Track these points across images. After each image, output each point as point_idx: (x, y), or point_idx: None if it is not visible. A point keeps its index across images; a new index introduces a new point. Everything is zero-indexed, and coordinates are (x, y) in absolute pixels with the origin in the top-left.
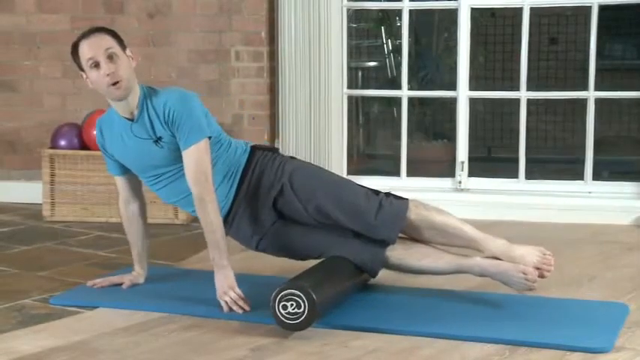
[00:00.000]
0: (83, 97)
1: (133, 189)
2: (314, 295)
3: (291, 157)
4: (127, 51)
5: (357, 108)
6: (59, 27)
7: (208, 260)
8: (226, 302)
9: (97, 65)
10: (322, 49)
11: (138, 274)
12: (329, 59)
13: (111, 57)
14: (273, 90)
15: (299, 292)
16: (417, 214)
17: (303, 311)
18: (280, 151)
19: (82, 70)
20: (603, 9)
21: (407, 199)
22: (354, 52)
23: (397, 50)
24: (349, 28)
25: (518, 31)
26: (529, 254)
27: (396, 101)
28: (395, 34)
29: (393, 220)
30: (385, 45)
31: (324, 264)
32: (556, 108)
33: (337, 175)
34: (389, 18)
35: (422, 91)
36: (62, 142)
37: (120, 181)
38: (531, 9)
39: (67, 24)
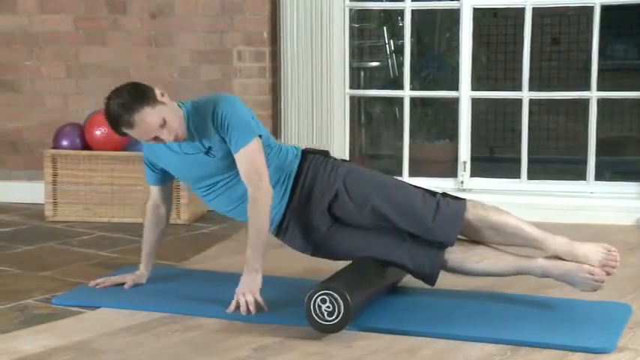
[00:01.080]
0: (85, 97)
1: (165, 197)
2: (349, 298)
3: (343, 160)
4: (158, 95)
5: (359, 108)
6: (61, 27)
7: (211, 260)
8: (240, 302)
9: (157, 139)
10: (324, 49)
11: (141, 274)
12: (331, 59)
13: (162, 126)
14: (275, 90)
15: (335, 294)
16: (475, 215)
17: (338, 313)
18: (331, 153)
19: None
20: (605, 9)
21: (464, 199)
22: (356, 52)
23: (399, 50)
24: (351, 28)
25: (521, 31)
26: (593, 252)
27: (398, 101)
28: (397, 34)
29: (451, 222)
30: (387, 45)
31: (359, 265)
32: (558, 108)
33: (392, 177)
34: (391, 18)
35: (424, 92)
36: (64, 142)
37: (154, 189)
38: (533, 9)
39: (69, 24)
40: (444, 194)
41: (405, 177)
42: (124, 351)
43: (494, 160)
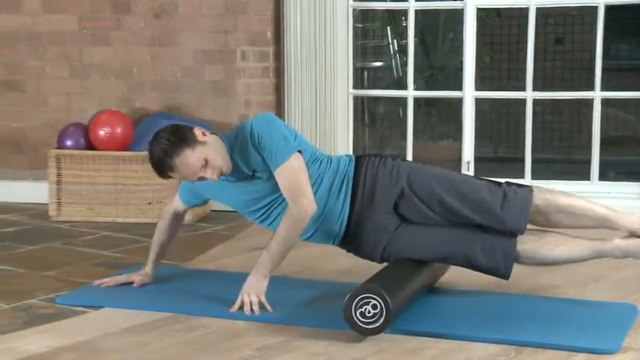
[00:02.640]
0: (89, 97)
1: (186, 211)
2: (390, 301)
3: (400, 159)
4: (198, 135)
5: (362, 108)
6: (65, 27)
7: (215, 260)
8: (244, 302)
9: (202, 178)
10: (328, 49)
11: (146, 274)
12: (335, 59)
13: (205, 166)
14: (278, 90)
15: (377, 297)
16: (543, 199)
17: (380, 316)
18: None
19: None
20: (609, 9)
21: (529, 186)
22: (360, 52)
23: (403, 50)
24: (355, 28)
25: (524, 31)
26: None
27: (402, 101)
28: (401, 34)
29: (520, 209)
30: (391, 45)
31: (401, 268)
32: (562, 108)
33: (454, 172)
34: (395, 18)
35: (428, 91)
36: (68, 142)
37: (180, 204)
38: (537, 9)
39: (73, 24)
40: (509, 183)
41: None
42: (127, 351)
43: (498, 160)
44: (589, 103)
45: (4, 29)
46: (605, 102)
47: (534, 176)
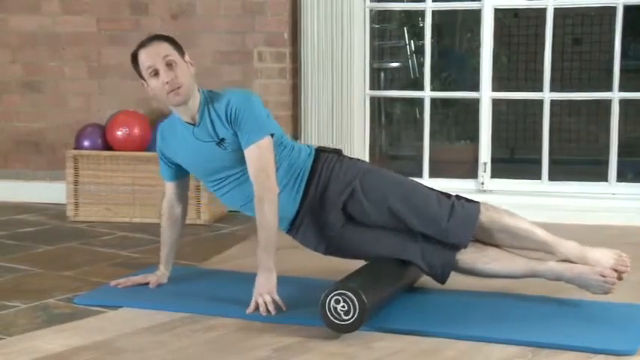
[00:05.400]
0: (107, 97)
1: (181, 194)
2: (364, 297)
3: (357, 160)
4: (186, 57)
5: (379, 109)
6: (84, 28)
7: (231, 260)
8: (258, 303)
9: (156, 73)
10: (345, 50)
11: (162, 273)
12: (351, 60)
13: (170, 64)
14: (295, 91)
15: (350, 294)
16: (488, 217)
17: (354, 313)
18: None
19: (142, 78)
20: (628, 9)
21: (478, 202)
22: (377, 53)
23: (420, 51)
24: (372, 29)
25: (542, 31)
26: (604, 256)
27: (419, 102)
28: (418, 34)
29: (466, 224)
30: (408, 46)
31: (374, 265)
32: (580, 109)
33: (406, 178)
34: (412, 19)
35: (444, 92)
36: (86, 143)
37: (169, 186)
38: (555, 9)
39: (92, 25)
40: (458, 196)
41: (425, 178)
42: (145, 350)
43: (514, 161)
44: (607, 103)
45: (23, 30)
46: (624, 103)
47: (551, 177)
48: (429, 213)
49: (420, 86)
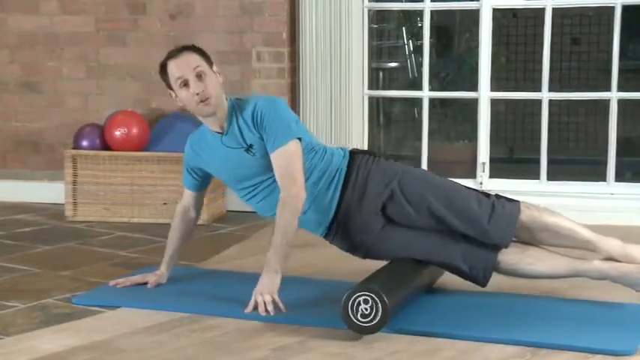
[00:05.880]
0: (105, 97)
1: (196, 204)
2: (386, 299)
3: (394, 160)
4: (214, 67)
5: (377, 109)
6: (82, 28)
7: (230, 260)
8: (257, 302)
9: (186, 84)
10: (343, 50)
11: (162, 274)
12: (350, 60)
13: (199, 75)
14: (294, 91)
15: (373, 295)
16: (529, 216)
17: (376, 314)
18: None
19: (170, 88)
20: (626, 9)
21: (518, 201)
22: (375, 53)
23: (418, 51)
24: (370, 29)
25: (540, 31)
26: None
27: (417, 102)
28: (416, 34)
29: (506, 224)
30: (406, 46)
31: (396, 267)
32: (578, 109)
33: (445, 178)
34: (410, 18)
35: (443, 92)
36: (84, 143)
37: (188, 194)
38: (554, 9)
39: (90, 25)
40: (497, 196)
41: None
42: (143, 351)
43: (513, 160)
44: (605, 103)
45: (22, 30)
46: (622, 102)
47: (550, 177)
48: (469, 213)
49: (418, 86)
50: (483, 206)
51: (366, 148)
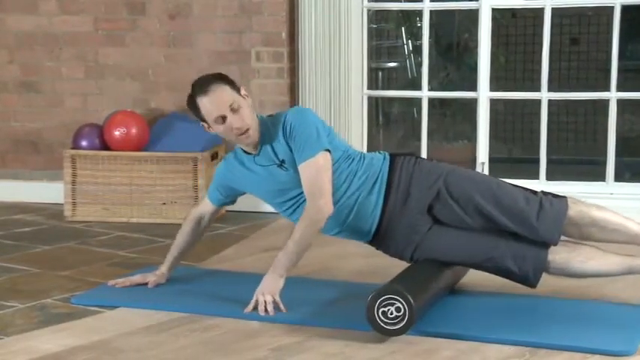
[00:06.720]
0: (104, 97)
1: (213, 215)
2: (413, 301)
3: (436, 161)
4: (242, 91)
5: (377, 109)
6: (81, 28)
7: (229, 260)
8: (258, 301)
9: (224, 120)
10: (342, 50)
11: (162, 274)
12: (349, 60)
13: (235, 110)
14: (293, 91)
15: (403, 301)
16: (578, 211)
17: (403, 319)
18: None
19: (202, 120)
20: (626, 9)
21: (565, 196)
22: (375, 53)
23: (417, 51)
24: (369, 29)
25: (540, 31)
26: None
27: (417, 102)
28: (415, 34)
29: (555, 221)
30: (405, 45)
31: (424, 270)
32: (577, 109)
33: (490, 177)
34: (409, 18)
35: (442, 92)
36: (83, 143)
37: (208, 204)
38: (553, 9)
39: (89, 25)
40: (544, 192)
41: None
42: (142, 350)
43: (512, 160)
44: (605, 103)
45: (21, 30)
46: (622, 102)
47: (549, 177)
48: (517, 211)
49: (417, 86)
50: (531, 203)
51: (405, 150)
